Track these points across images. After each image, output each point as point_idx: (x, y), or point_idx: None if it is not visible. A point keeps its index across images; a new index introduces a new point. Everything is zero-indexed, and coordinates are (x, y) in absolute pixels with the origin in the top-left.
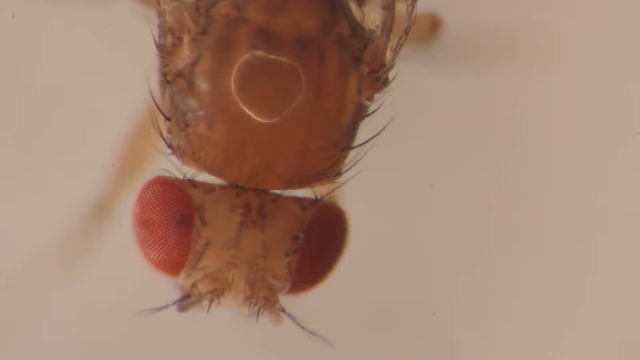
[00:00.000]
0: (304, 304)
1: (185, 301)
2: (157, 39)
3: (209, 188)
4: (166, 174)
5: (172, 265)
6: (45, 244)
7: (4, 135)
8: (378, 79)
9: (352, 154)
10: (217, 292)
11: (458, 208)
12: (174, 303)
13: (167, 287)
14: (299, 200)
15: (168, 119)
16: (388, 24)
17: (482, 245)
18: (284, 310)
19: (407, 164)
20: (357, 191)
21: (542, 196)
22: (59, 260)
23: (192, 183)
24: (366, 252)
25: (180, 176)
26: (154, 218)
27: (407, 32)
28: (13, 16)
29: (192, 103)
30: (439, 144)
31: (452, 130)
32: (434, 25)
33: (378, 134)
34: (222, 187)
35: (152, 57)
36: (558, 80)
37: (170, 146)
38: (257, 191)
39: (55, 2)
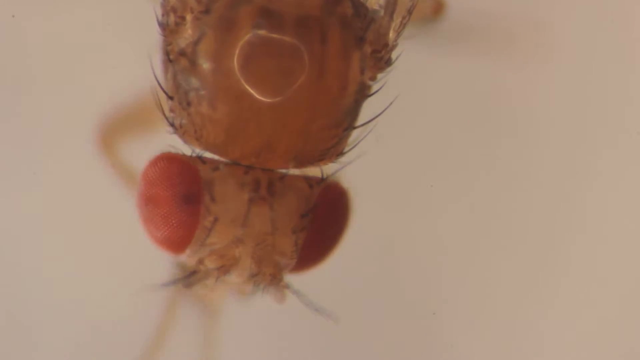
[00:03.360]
0: (302, 322)
1: (192, 277)
2: (160, 17)
3: (217, 165)
4: (172, 150)
5: (177, 243)
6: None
7: (3, 134)
8: (381, 59)
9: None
10: (223, 269)
11: (458, 208)
12: (181, 279)
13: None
14: (306, 179)
15: (170, 98)
16: (391, 4)
17: (483, 245)
18: (289, 288)
19: (407, 164)
20: (357, 191)
21: (542, 196)
22: None
23: (201, 159)
24: (366, 251)
25: (189, 152)
26: (160, 195)
27: (410, 12)
28: (13, 16)
29: (195, 82)
30: (439, 143)
31: (451, 127)
32: (437, 7)
33: (380, 114)
34: (229, 165)
35: (153, 56)
36: (558, 79)
37: (172, 125)
38: (265, 168)
39: (55, 2)
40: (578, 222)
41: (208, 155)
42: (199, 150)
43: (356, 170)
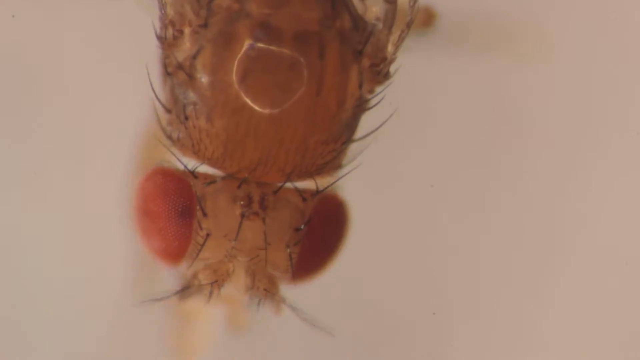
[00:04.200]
0: (303, 307)
1: (186, 292)
2: (158, 31)
3: (210, 179)
4: (167, 165)
5: (173, 255)
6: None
7: (3, 134)
8: (379, 73)
9: (353, 146)
10: (217, 284)
11: (458, 208)
12: (175, 294)
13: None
14: (300, 192)
15: (168, 111)
16: (390, 17)
17: (483, 245)
18: (284, 302)
19: (407, 164)
20: (357, 191)
21: (542, 195)
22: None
23: (193, 174)
24: (366, 251)
25: (182, 167)
26: (155, 209)
27: (408, 25)
28: (13, 16)
29: (192, 95)
30: (439, 143)
31: (451, 128)
32: (427, 19)
33: (378, 127)
34: (223, 179)
35: (152, 57)
36: (557, 78)
37: (170, 138)
38: (259, 182)
39: (55, 3)
40: (578, 222)
41: (205, 168)
42: (193, 164)
43: (356, 170)
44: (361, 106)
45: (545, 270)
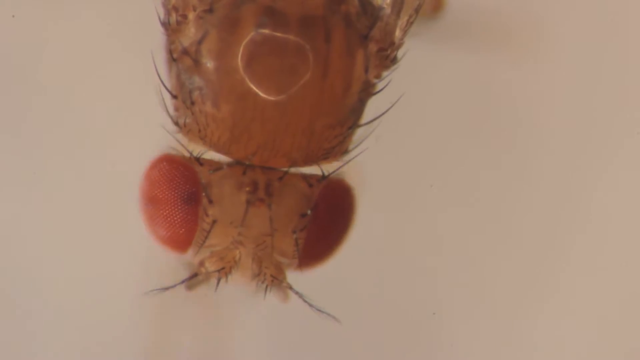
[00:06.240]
0: (302, 322)
1: (193, 280)
2: (162, 16)
3: (216, 166)
4: (173, 152)
5: (179, 243)
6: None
7: (3, 134)
8: (387, 57)
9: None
10: (224, 271)
11: (458, 208)
12: (182, 282)
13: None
14: (306, 178)
15: (175, 97)
16: (398, 2)
17: (482, 245)
18: (291, 288)
19: (407, 164)
20: (357, 191)
21: (542, 195)
22: None
23: (199, 161)
24: (366, 251)
25: (187, 154)
26: (161, 196)
27: (417, 10)
28: (13, 16)
29: (198, 81)
30: (439, 143)
31: (451, 126)
32: (436, 5)
33: (385, 113)
34: (229, 165)
35: (152, 57)
36: (558, 77)
37: (176, 124)
38: (264, 169)
39: (56, 2)
40: (578, 222)
41: (212, 154)
42: (198, 152)
43: (355, 170)
44: (367, 91)
45: (545, 270)
